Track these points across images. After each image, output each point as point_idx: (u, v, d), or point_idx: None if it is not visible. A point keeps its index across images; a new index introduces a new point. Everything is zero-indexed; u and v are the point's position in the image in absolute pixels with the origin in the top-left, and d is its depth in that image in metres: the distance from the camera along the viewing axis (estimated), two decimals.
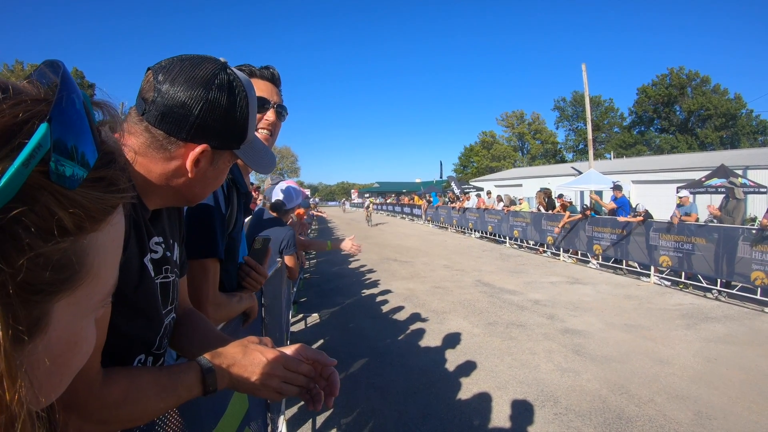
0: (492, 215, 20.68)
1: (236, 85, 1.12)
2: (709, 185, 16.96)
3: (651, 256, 11.47)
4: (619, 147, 67.67)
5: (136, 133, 1.07)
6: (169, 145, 1.08)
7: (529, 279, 11.88)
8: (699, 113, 62.21)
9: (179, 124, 1.06)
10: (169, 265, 1.23)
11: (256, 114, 1.24)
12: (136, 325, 1.10)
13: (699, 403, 4.87)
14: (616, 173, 31.69)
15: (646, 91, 68.15)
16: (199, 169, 1.12)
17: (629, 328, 7.47)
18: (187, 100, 1.05)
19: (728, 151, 41.57)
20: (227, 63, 1.16)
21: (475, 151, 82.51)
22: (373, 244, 20.29)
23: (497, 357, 6.21)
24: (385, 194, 71.60)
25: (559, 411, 4.74)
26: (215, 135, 1.11)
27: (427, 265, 14.21)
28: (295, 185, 4.88)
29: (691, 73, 63.84)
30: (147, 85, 1.08)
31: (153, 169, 1.09)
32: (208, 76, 1.08)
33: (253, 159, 1.29)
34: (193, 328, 1.40)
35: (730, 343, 6.74)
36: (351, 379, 5.53)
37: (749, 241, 9.01)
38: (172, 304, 1.26)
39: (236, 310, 1.99)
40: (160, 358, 1.25)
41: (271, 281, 3.30)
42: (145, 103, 1.06)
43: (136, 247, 1.08)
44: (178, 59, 1.10)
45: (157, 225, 1.21)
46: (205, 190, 1.23)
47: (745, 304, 9.09)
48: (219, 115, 1.09)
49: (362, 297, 10.03)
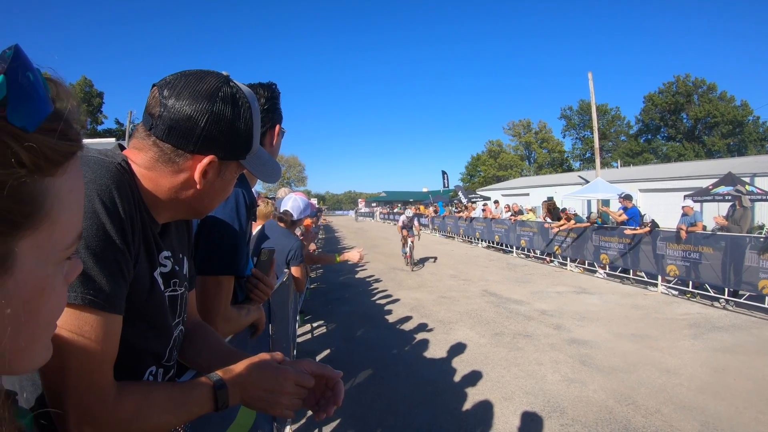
0: (499, 224, 20.64)
1: (239, 97, 1.16)
2: (716, 193, 16.89)
3: (658, 265, 11.42)
4: (625, 155, 67.57)
5: (145, 148, 1.11)
6: (177, 158, 1.10)
7: (535, 289, 11.85)
8: (706, 121, 62.02)
9: (186, 136, 1.09)
10: (178, 279, 1.25)
11: (260, 124, 1.26)
12: (146, 338, 1.13)
13: (706, 413, 4.85)
14: (623, 182, 31.61)
15: (652, 99, 68.06)
16: (207, 180, 1.15)
17: (636, 338, 7.44)
18: (193, 113, 1.08)
19: (735, 159, 41.40)
20: (230, 76, 1.19)
21: (482, 160, 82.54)
22: (380, 253, 20.27)
23: (503, 367, 6.20)
24: (392, 203, 71.51)
25: (566, 422, 4.73)
26: (221, 146, 1.13)
27: (434, 274, 14.20)
28: (304, 196, 4.91)
29: (698, 80, 63.76)
30: (153, 101, 1.10)
31: (162, 183, 1.12)
32: (212, 89, 1.11)
33: (259, 169, 1.34)
34: (201, 342, 1.43)
35: (737, 353, 6.71)
36: (357, 389, 5.53)
37: (757, 249, 8.97)
38: (180, 316, 1.28)
39: (245, 323, 2.01)
40: (170, 370, 1.27)
41: (278, 292, 3.32)
42: (152, 119, 1.09)
43: (146, 261, 1.10)
44: (182, 74, 1.13)
45: (166, 239, 1.23)
46: (213, 202, 1.26)
47: (753, 313, 9.04)
48: (224, 126, 1.12)
49: (369, 307, 10.03)
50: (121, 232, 0.97)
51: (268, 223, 4.48)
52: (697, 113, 61.95)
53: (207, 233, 1.76)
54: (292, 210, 4.56)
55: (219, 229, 1.76)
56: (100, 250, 0.93)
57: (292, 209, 4.56)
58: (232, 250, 1.78)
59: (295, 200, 4.64)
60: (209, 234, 1.76)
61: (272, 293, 2.41)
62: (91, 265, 0.91)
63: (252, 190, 2.06)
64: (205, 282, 1.71)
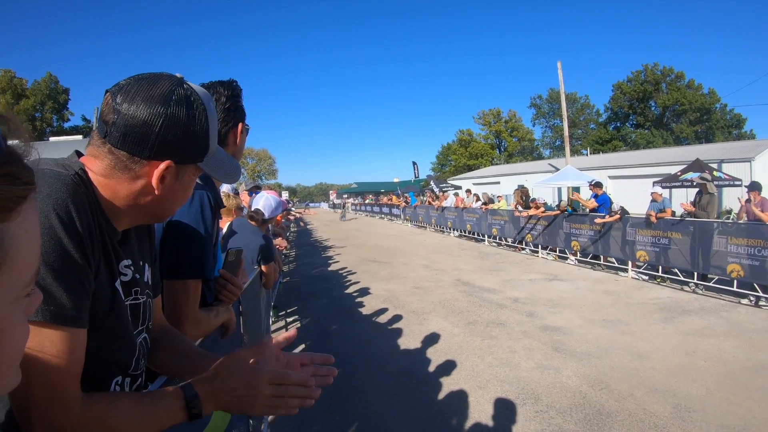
0: (470, 214, 20.72)
1: (194, 99, 1.14)
2: (684, 179, 17.17)
3: (628, 251, 11.56)
4: (595, 143, 68.38)
5: (101, 156, 1.08)
6: (133, 165, 1.08)
7: (508, 277, 11.91)
8: (674, 108, 62.99)
9: (141, 142, 1.06)
10: (139, 287, 1.23)
11: (216, 126, 1.25)
12: (111, 348, 1.11)
13: (678, 396, 4.89)
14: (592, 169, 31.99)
15: (621, 88, 68.82)
16: (165, 185, 1.13)
17: (608, 324, 7.51)
18: (147, 118, 1.05)
19: (703, 146, 42.19)
20: (183, 78, 1.17)
21: (452, 150, 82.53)
22: (353, 245, 20.24)
23: (477, 356, 6.20)
24: (363, 194, 71.35)
25: (540, 408, 4.73)
26: (178, 150, 1.12)
27: (407, 265, 14.18)
28: (276, 194, 4.86)
29: (666, 69, 64.65)
30: (106, 107, 1.08)
31: (119, 191, 1.10)
32: (166, 92, 1.09)
33: (217, 170, 1.31)
34: (169, 347, 1.42)
35: (707, 336, 6.80)
36: (333, 383, 5.46)
37: (725, 234, 9.11)
38: (143, 324, 1.26)
39: (214, 325, 1.99)
40: (137, 379, 1.25)
41: (248, 290, 3.30)
42: (107, 126, 1.07)
43: (107, 272, 1.08)
44: (135, 79, 1.11)
45: (126, 248, 1.21)
46: (173, 206, 1.25)
47: (721, 296, 9.21)
48: (179, 130, 1.10)
49: (343, 299, 9.96)
50: (79, 247, 0.95)
51: (236, 221, 4.41)
52: (666, 101, 62.85)
53: (172, 238, 1.73)
54: (263, 209, 4.53)
55: (184, 232, 1.74)
56: (59, 266, 0.91)
57: (263, 208, 4.53)
58: (198, 254, 1.76)
59: (267, 199, 4.61)
60: (175, 238, 1.73)
61: (243, 292, 2.40)
62: (51, 281, 0.89)
63: (218, 191, 2.04)
64: (173, 286, 1.70)
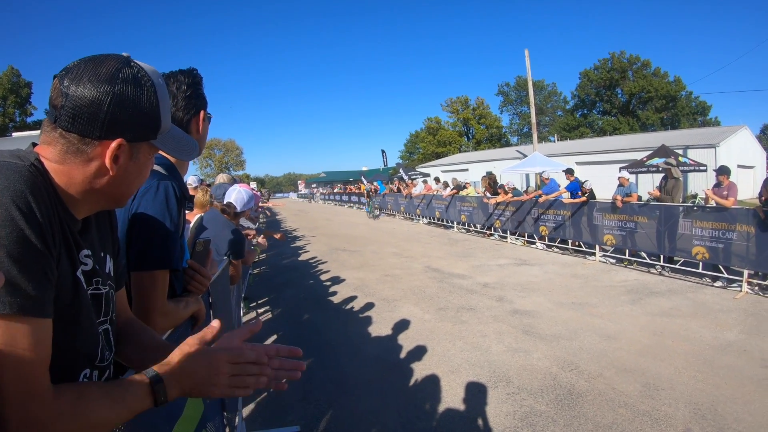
0: (439, 201, 20.70)
1: (142, 76, 1.13)
2: (650, 164, 17.47)
3: (595, 235, 11.68)
4: (562, 130, 69.15)
5: (53, 142, 1.08)
6: (85, 147, 1.07)
7: (477, 263, 11.96)
8: (640, 96, 63.97)
9: (91, 122, 1.06)
10: (100, 278, 1.23)
11: (169, 103, 1.24)
12: (76, 339, 1.11)
13: (647, 375, 4.96)
14: (560, 155, 32.43)
15: (588, 75, 69.61)
16: (119, 165, 1.12)
17: (576, 306, 7.58)
18: (95, 97, 1.05)
19: (669, 132, 43.08)
20: (130, 57, 1.17)
21: (420, 138, 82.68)
22: (322, 234, 20.16)
23: (449, 341, 6.20)
24: (332, 183, 71.06)
25: (512, 390, 4.75)
26: (128, 128, 1.11)
27: (377, 253, 14.15)
28: (248, 188, 4.80)
29: (632, 57, 65.54)
30: (54, 92, 1.07)
31: (74, 176, 1.09)
32: (112, 71, 1.08)
33: (173, 147, 1.30)
34: (134, 339, 1.42)
35: (674, 316, 6.91)
36: (306, 373, 5.40)
37: (690, 217, 9.25)
38: (106, 315, 1.25)
39: (183, 316, 1.95)
40: (105, 371, 1.24)
41: (218, 282, 3.26)
42: (56, 110, 1.06)
43: (68, 261, 1.07)
44: (82, 61, 1.10)
45: (86, 238, 1.20)
46: (131, 187, 1.24)
47: (687, 278, 9.37)
48: (128, 107, 1.09)
49: (314, 289, 9.90)
50: (40, 236, 0.94)
51: (207, 213, 4.36)
52: (632, 88, 63.77)
53: (138, 229, 1.71)
54: (235, 202, 4.49)
55: (150, 223, 1.72)
56: (22, 257, 0.91)
57: (235, 201, 4.49)
58: (164, 244, 1.74)
59: (239, 192, 4.58)
60: (140, 230, 1.71)
61: (212, 283, 2.39)
62: (15, 273, 0.89)
63: (184, 181, 2.01)
64: (140, 278, 1.68)
